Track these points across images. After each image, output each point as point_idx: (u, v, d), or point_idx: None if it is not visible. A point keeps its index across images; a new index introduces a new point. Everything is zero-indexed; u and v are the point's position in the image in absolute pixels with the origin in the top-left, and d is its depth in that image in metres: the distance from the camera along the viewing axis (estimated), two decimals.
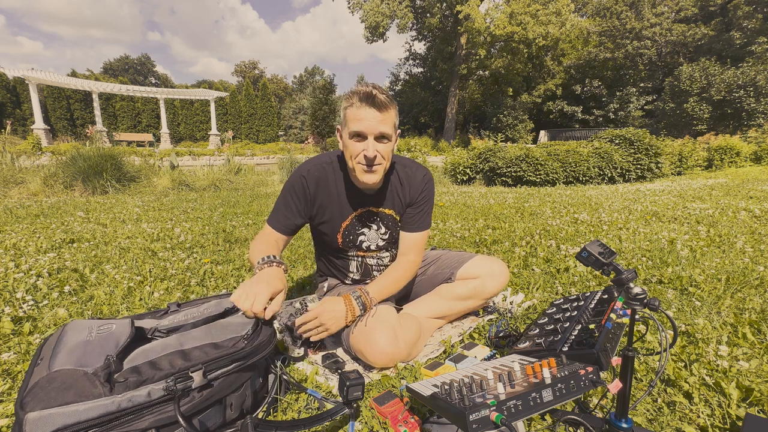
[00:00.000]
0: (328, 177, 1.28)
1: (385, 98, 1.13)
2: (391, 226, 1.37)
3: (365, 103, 1.12)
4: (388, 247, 1.42)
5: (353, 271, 1.43)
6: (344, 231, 1.33)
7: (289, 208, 1.29)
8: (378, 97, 1.12)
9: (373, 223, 1.35)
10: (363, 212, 1.32)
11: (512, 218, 3.65)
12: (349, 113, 1.15)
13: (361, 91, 1.13)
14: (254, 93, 28.45)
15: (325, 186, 1.28)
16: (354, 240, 1.35)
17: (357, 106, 1.13)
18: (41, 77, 18.54)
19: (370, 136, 1.14)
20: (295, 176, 1.28)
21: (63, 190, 5.57)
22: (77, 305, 1.63)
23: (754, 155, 11.03)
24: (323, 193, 1.28)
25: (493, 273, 1.40)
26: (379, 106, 1.13)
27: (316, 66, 45.79)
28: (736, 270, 1.92)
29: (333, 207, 1.30)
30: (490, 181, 8.17)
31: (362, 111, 1.12)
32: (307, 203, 1.29)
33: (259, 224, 3.41)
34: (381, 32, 23.10)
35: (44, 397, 0.71)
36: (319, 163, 1.29)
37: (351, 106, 1.15)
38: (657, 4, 25.30)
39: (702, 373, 1.06)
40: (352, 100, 1.15)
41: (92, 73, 32.01)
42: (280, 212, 1.30)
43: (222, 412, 0.88)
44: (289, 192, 1.29)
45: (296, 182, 1.27)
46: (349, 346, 1.24)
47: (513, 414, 0.72)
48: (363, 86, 1.15)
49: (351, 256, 1.40)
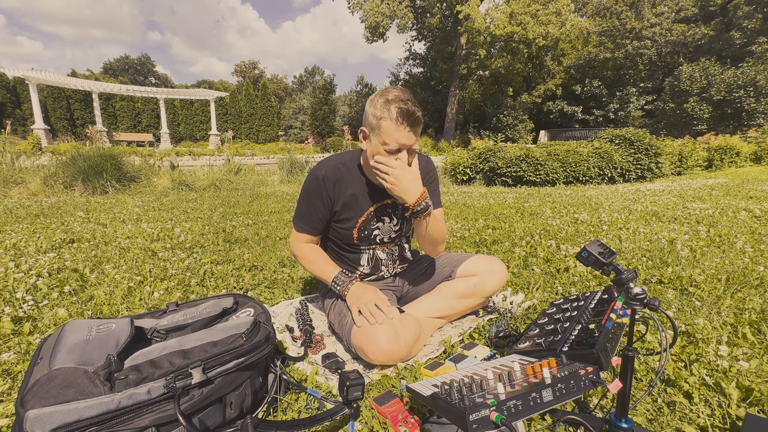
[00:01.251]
0: (344, 177, 1.31)
1: (419, 113, 1.15)
2: (401, 215, 1.41)
3: (405, 122, 1.13)
4: (398, 239, 1.45)
5: (364, 265, 1.44)
6: (360, 226, 1.35)
7: (315, 208, 1.32)
8: (415, 114, 1.13)
9: (386, 216, 1.38)
10: (379, 206, 1.36)
11: (512, 218, 3.65)
12: (386, 127, 1.14)
13: (400, 107, 1.12)
14: (254, 93, 28.46)
15: (342, 186, 1.31)
16: (369, 234, 1.37)
17: (395, 123, 1.13)
18: (41, 77, 18.55)
19: (404, 150, 1.18)
20: (312, 180, 1.31)
21: (63, 190, 5.57)
22: (77, 305, 1.63)
23: (754, 155, 11.03)
24: (341, 193, 1.31)
25: (492, 271, 1.44)
26: (416, 124, 1.15)
27: (316, 66, 45.85)
28: (736, 270, 1.91)
29: (351, 205, 1.33)
30: (490, 181, 8.18)
31: (401, 129, 1.13)
32: (330, 202, 1.32)
33: (260, 224, 3.41)
34: (381, 32, 23.11)
35: (44, 395, 0.71)
36: (332, 164, 1.31)
37: (387, 119, 1.13)
38: (657, 4, 25.31)
39: (702, 373, 1.06)
40: (390, 113, 1.13)
41: (92, 73, 32.01)
42: (307, 215, 1.34)
43: (222, 411, 0.88)
44: (310, 195, 1.32)
45: (314, 185, 1.30)
46: (350, 344, 1.24)
47: (513, 414, 0.72)
48: (396, 98, 1.14)
49: (363, 249, 1.42)
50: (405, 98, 1.14)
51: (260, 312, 1.15)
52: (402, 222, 1.42)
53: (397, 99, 1.14)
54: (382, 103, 1.15)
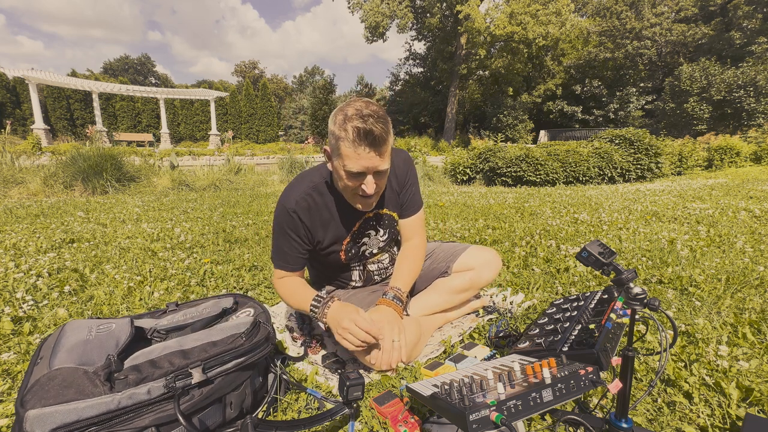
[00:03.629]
0: (317, 203, 1.20)
1: (382, 130, 1.00)
2: (388, 224, 1.37)
3: (364, 143, 0.99)
4: (387, 248, 1.43)
5: (356, 280, 1.42)
6: (346, 248, 1.30)
7: (293, 244, 1.21)
8: (375, 133, 0.98)
9: (371, 230, 1.33)
10: (361, 223, 1.29)
11: (512, 218, 3.65)
12: (344, 149, 1.02)
13: (357, 126, 0.98)
14: (254, 93, 28.45)
15: (317, 214, 1.21)
16: (357, 252, 1.33)
17: (353, 145, 1.00)
18: (41, 77, 18.54)
19: (369, 174, 1.06)
20: (282, 214, 1.19)
21: (63, 190, 5.57)
22: (77, 305, 1.63)
23: (754, 155, 11.03)
24: (317, 222, 1.21)
25: (487, 262, 1.43)
26: (378, 144, 1.01)
27: (316, 66, 45.86)
28: (736, 270, 1.91)
29: (330, 230, 1.24)
30: (490, 181, 8.18)
31: (359, 150, 1.00)
32: (308, 234, 1.22)
33: (260, 224, 3.41)
34: (381, 32, 23.10)
35: (44, 395, 0.71)
36: (302, 192, 1.19)
37: (345, 140, 1.00)
38: (657, 4, 25.31)
39: (702, 373, 1.06)
40: (347, 133, 0.99)
41: (92, 73, 32.00)
42: (285, 253, 1.23)
43: (222, 411, 0.88)
44: (284, 230, 1.20)
45: (287, 220, 1.18)
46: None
47: (513, 414, 0.72)
48: (356, 114, 0.99)
49: (354, 266, 1.39)
50: (366, 113, 0.99)
51: (260, 312, 1.15)
52: (388, 230, 1.37)
53: (356, 115, 0.99)
54: (340, 121, 1.02)
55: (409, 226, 1.38)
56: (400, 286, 1.27)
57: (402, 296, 1.25)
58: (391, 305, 1.21)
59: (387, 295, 1.24)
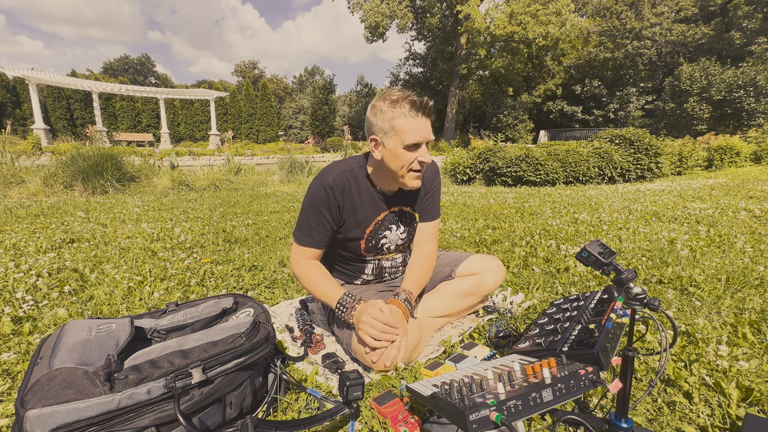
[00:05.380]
0: (351, 185, 1.25)
1: (432, 102, 1.16)
2: (408, 223, 1.40)
3: (421, 112, 1.13)
4: (403, 248, 1.46)
5: (368, 273, 1.44)
6: (368, 237, 1.32)
7: (323, 220, 1.24)
8: (429, 103, 1.13)
9: (393, 224, 1.36)
10: (387, 214, 1.33)
11: (512, 218, 3.65)
12: (401, 124, 1.12)
13: (413, 100, 1.12)
14: (254, 93, 28.46)
15: (349, 195, 1.25)
16: (376, 244, 1.35)
17: (411, 116, 1.12)
18: (41, 77, 18.54)
19: (425, 144, 1.16)
20: (318, 188, 1.22)
21: (63, 190, 5.57)
22: (77, 305, 1.63)
23: (754, 155, 11.03)
24: (349, 202, 1.25)
25: (490, 269, 1.45)
26: (431, 113, 1.15)
27: (317, 66, 45.94)
28: (736, 270, 1.91)
29: (358, 215, 1.28)
30: (490, 181, 8.18)
31: (418, 121, 1.12)
32: (338, 212, 1.25)
33: (260, 224, 3.41)
34: (381, 32, 23.12)
35: (44, 395, 0.71)
36: (339, 171, 1.25)
37: (402, 117, 1.12)
38: (657, 4, 25.33)
39: (702, 373, 1.06)
40: (402, 110, 1.12)
41: (92, 73, 32.01)
42: (312, 229, 1.25)
43: (222, 411, 0.88)
44: (317, 205, 1.23)
45: (322, 194, 1.22)
46: (350, 348, 1.24)
47: (513, 414, 0.72)
48: (402, 96, 1.13)
49: (369, 259, 1.41)
50: (409, 92, 1.14)
51: (260, 312, 1.14)
52: (407, 229, 1.41)
53: (404, 96, 1.13)
54: (388, 105, 1.13)
55: (425, 232, 1.42)
56: (411, 289, 1.30)
57: (411, 299, 1.28)
58: (401, 307, 1.24)
59: (399, 297, 1.27)
